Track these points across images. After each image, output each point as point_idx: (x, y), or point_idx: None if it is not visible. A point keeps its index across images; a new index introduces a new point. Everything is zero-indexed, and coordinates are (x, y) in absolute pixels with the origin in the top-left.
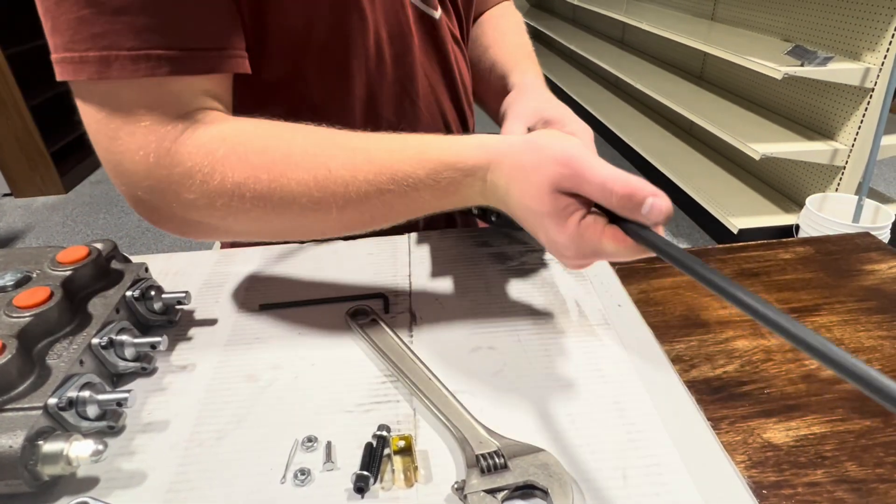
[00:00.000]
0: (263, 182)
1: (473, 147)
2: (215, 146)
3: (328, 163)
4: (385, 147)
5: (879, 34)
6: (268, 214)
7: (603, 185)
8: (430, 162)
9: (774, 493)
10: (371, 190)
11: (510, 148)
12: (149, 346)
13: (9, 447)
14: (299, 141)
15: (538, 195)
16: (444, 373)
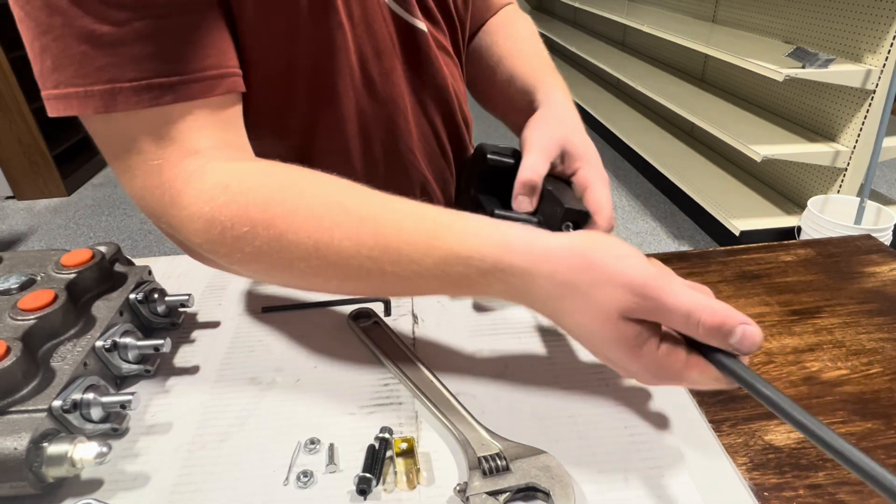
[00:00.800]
0: (262, 239)
1: (493, 244)
2: (217, 193)
3: (332, 230)
4: (396, 223)
5: (881, 36)
6: (268, 269)
7: (688, 316)
8: (439, 251)
9: (776, 496)
10: (373, 268)
11: (548, 257)
12: (152, 348)
13: (14, 449)
14: (306, 199)
15: (602, 322)
16: (446, 375)
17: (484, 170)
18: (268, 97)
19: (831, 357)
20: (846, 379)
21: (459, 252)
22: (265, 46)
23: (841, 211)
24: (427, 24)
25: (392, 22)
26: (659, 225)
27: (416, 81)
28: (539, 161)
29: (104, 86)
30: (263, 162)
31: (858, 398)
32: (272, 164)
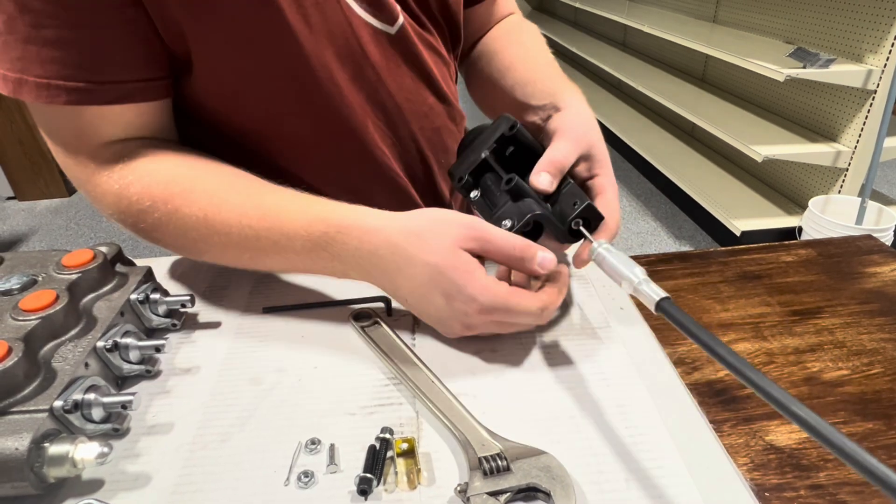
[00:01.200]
0: (161, 211)
1: (353, 208)
2: (125, 173)
3: (220, 205)
4: (278, 198)
5: (882, 36)
6: (166, 238)
7: (506, 242)
8: (308, 214)
9: (777, 496)
10: (250, 234)
11: (395, 217)
12: (153, 349)
13: (15, 449)
14: (201, 180)
15: (441, 251)
16: (447, 375)
17: (507, 135)
18: (222, 105)
19: (832, 357)
20: (847, 379)
21: (324, 214)
22: (213, 57)
23: (842, 211)
24: (413, 25)
25: (361, 26)
26: (660, 225)
27: (386, 85)
28: (570, 149)
29: (15, 74)
30: (171, 146)
31: (859, 398)
32: (177, 150)
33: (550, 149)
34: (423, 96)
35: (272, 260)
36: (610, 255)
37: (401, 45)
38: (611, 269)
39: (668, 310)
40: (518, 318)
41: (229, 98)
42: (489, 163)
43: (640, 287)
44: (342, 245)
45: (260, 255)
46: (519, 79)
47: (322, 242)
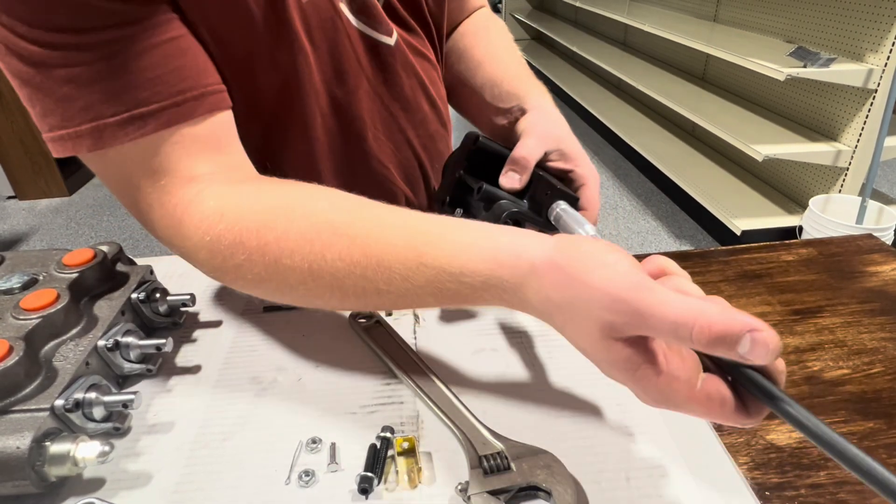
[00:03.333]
0: (259, 265)
1: (482, 261)
2: (214, 221)
3: (324, 252)
4: (385, 240)
5: (882, 35)
6: (272, 293)
7: (677, 326)
8: (430, 269)
9: (777, 495)
10: (368, 287)
11: (533, 271)
12: (154, 347)
13: (16, 448)
14: (296, 222)
15: (591, 342)
16: (448, 375)
17: (473, 149)
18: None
19: (833, 357)
20: (848, 378)
21: (450, 270)
22: (224, 74)
23: (842, 210)
24: (401, 32)
25: (359, 40)
26: (660, 224)
27: (385, 95)
28: (535, 145)
29: (90, 124)
30: (257, 182)
31: (860, 398)
32: (264, 185)
33: (515, 148)
34: (419, 104)
35: (400, 305)
36: (566, 214)
37: (399, 56)
38: (564, 226)
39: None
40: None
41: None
42: (464, 180)
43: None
44: (482, 300)
45: (384, 303)
46: (487, 79)
47: (459, 298)
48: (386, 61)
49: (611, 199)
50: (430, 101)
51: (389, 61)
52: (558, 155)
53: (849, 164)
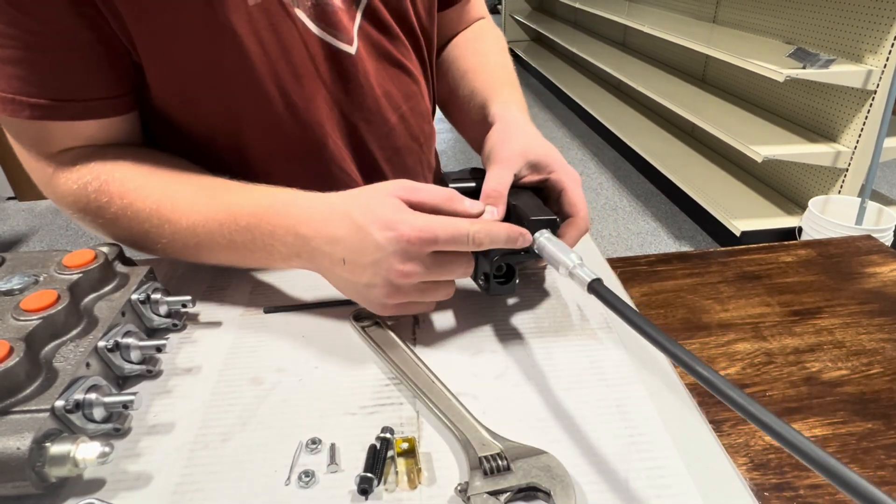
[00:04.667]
0: (117, 206)
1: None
2: (83, 174)
3: (173, 195)
4: (226, 186)
5: (881, 36)
6: (124, 232)
7: (433, 187)
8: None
9: (776, 496)
10: (200, 220)
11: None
12: (154, 348)
13: (16, 449)
14: (155, 175)
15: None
16: (447, 375)
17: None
18: (183, 114)
19: (832, 357)
20: (847, 379)
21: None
22: (166, 75)
23: (842, 211)
24: (381, 39)
25: (318, 46)
26: (660, 225)
27: (345, 104)
28: (502, 172)
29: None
30: (129, 148)
31: (859, 398)
32: (135, 150)
33: (486, 180)
34: (384, 116)
35: (219, 248)
36: (549, 244)
37: (361, 65)
38: (550, 256)
39: (599, 290)
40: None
41: (188, 108)
42: None
43: (574, 270)
44: (284, 216)
45: (207, 242)
46: (468, 90)
47: (265, 217)
48: (346, 70)
49: (610, 199)
50: (398, 113)
51: (350, 70)
52: (528, 168)
53: (848, 164)
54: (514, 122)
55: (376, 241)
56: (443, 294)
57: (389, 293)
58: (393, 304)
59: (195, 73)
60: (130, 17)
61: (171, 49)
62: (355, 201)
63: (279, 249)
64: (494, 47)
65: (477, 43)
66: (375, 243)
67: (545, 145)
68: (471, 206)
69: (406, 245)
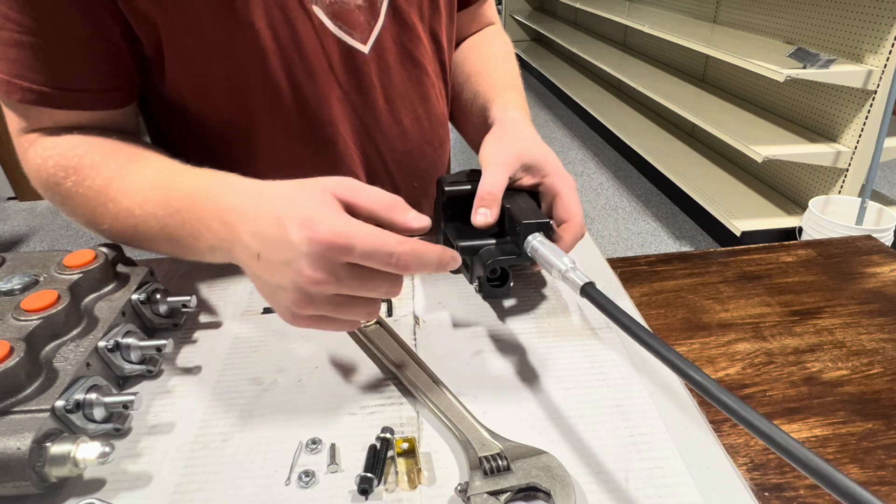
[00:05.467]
0: (72, 180)
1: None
2: (47, 149)
3: (123, 176)
4: (174, 170)
5: (882, 36)
6: (75, 209)
7: (376, 190)
8: (185, 185)
9: (776, 496)
10: (135, 204)
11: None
12: (154, 349)
13: (17, 449)
14: (111, 155)
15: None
16: (448, 376)
17: (444, 201)
18: (196, 106)
19: (832, 357)
20: (847, 379)
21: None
22: (182, 67)
23: (842, 211)
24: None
25: (334, 44)
26: (660, 225)
27: (358, 104)
28: (497, 175)
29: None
30: (101, 132)
31: (859, 398)
32: (104, 134)
33: (481, 183)
34: (397, 117)
35: (152, 232)
36: (542, 247)
37: (375, 65)
38: (542, 259)
39: (592, 294)
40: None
41: (200, 100)
42: (446, 234)
43: (567, 274)
44: (216, 199)
45: (142, 224)
46: (471, 92)
47: (198, 200)
48: (360, 69)
49: (610, 200)
50: (413, 116)
51: (363, 69)
52: (523, 171)
53: (848, 165)
54: (511, 125)
55: (290, 239)
56: (363, 313)
57: (298, 301)
58: (303, 316)
59: (210, 64)
60: (151, 7)
61: (187, 40)
62: (285, 193)
63: (205, 236)
64: (501, 53)
65: (484, 48)
66: (289, 241)
67: (541, 148)
68: (413, 220)
69: (319, 248)
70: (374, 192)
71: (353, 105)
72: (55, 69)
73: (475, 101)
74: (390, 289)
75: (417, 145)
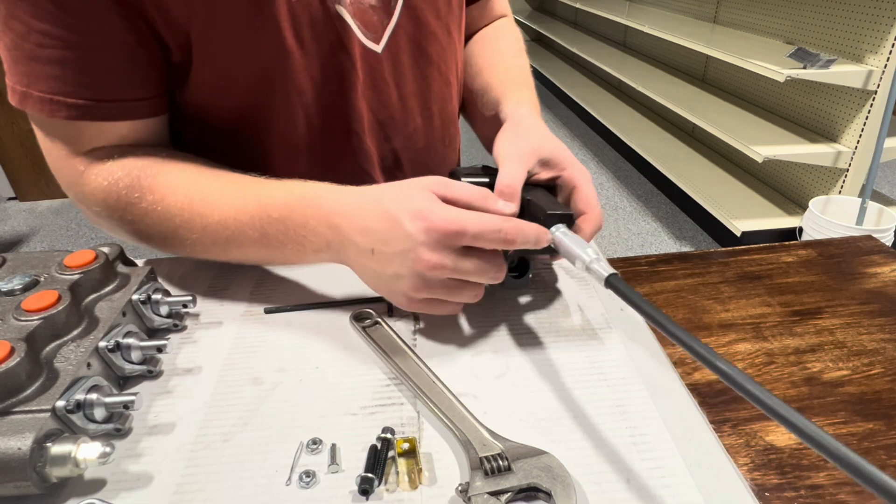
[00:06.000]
0: (148, 201)
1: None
2: (114, 170)
3: (203, 190)
4: (258, 181)
5: (882, 36)
6: (154, 225)
7: (467, 186)
8: (280, 192)
9: (777, 496)
10: (229, 215)
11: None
12: (155, 349)
13: (18, 449)
14: (185, 171)
15: (406, 186)
16: (448, 376)
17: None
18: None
19: (832, 358)
20: (847, 380)
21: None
22: (207, 67)
23: (842, 212)
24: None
25: (354, 43)
26: (660, 225)
27: (373, 101)
28: (516, 169)
29: (22, 88)
30: (160, 148)
31: (860, 399)
32: (166, 149)
33: (499, 177)
34: (411, 116)
35: (250, 242)
36: (565, 238)
37: (388, 64)
38: (566, 250)
39: (617, 285)
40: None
41: (220, 98)
42: None
43: (591, 265)
44: (317, 206)
45: (238, 236)
46: (481, 86)
47: (298, 208)
48: (374, 67)
49: (611, 200)
50: (426, 114)
51: (377, 68)
52: (540, 165)
53: (849, 165)
54: (525, 121)
55: (406, 231)
56: (470, 295)
57: (416, 286)
58: (419, 299)
59: (235, 66)
60: (179, 9)
61: (216, 44)
62: (389, 192)
63: (311, 241)
64: (512, 47)
65: (495, 42)
66: (406, 232)
67: (556, 143)
68: (504, 206)
69: (436, 235)
70: (465, 186)
71: (370, 103)
72: (98, 81)
73: (485, 95)
74: (497, 272)
75: (430, 144)
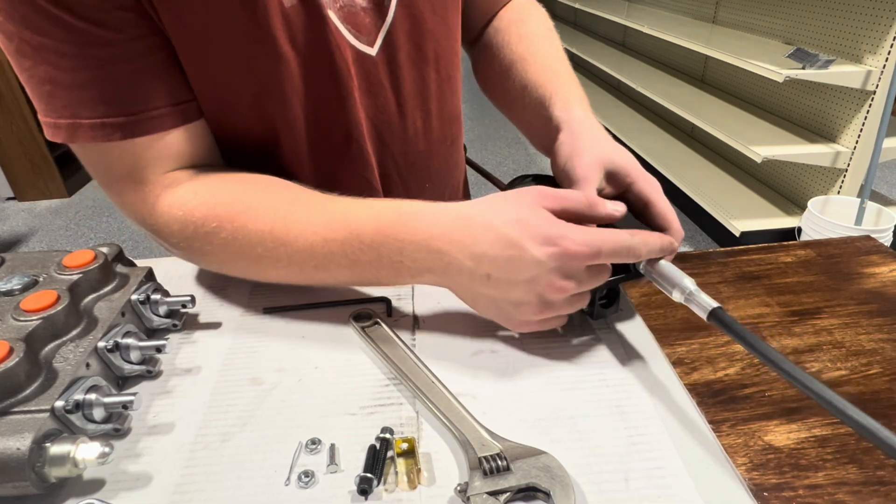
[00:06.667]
0: (227, 231)
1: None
2: (188, 199)
3: (285, 217)
4: (341, 203)
5: (881, 37)
6: (234, 256)
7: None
8: (372, 210)
9: (776, 496)
10: (318, 240)
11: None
12: (154, 349)
13: (16, 449)
14: (263, 196)
15: (523, 206)
16: (447, 376)
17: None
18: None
19: (831, 358)
20: (846, 380)
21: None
22: (198, 79)
23: (841, 212)
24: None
25: (348, 48)
26: None
27: (369, 107)
28: (593, 174)
29: (68, 120)
30: (224, 168)
31: (858, 399)
32: (231, 171)
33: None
34: (409, 119)
35: (340, 269)
36: (664, 264)
37: (384, 67)
38: (662, 278)
39: (723, 319)
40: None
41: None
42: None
43: (692, 297)
44: (412, 230)
45: (327, 263)
46: (520, 82)
47: (391, 233)
48: (369, 72)
49: None
50: (425, 115)
51: (372, 72)
52: (605, 180)
53: (847, 165)
54: (581, 128)
55: (535, 258)
56: (581, 304)
57: (540, 310)
58: (537, 321)
59: (232, 80)
60: (168, 18)
61: (206, 51)
62: (498, 213)
63: (408, 266)
64: (542, 30)
65: (522, 26)
66: (534, 259)
67: (619, 152)
68: (613, 209)
69: (569, 261)
70: (571, 195)
71: (366, 109)
72: (137, 94)
73: (526, 93)
74: (606, 276)
75: (431, 145)
